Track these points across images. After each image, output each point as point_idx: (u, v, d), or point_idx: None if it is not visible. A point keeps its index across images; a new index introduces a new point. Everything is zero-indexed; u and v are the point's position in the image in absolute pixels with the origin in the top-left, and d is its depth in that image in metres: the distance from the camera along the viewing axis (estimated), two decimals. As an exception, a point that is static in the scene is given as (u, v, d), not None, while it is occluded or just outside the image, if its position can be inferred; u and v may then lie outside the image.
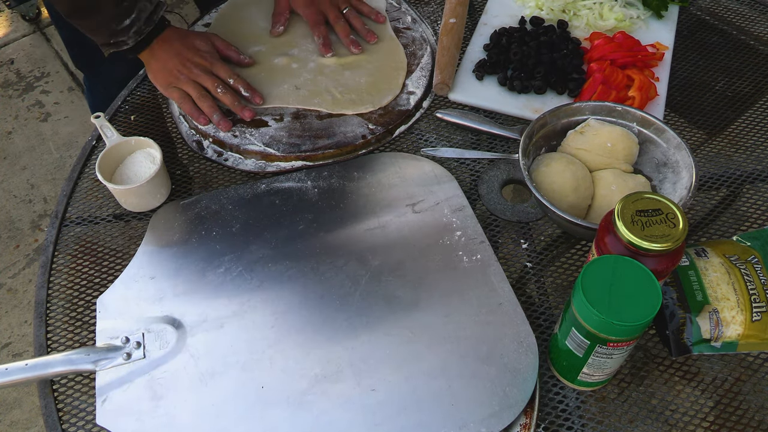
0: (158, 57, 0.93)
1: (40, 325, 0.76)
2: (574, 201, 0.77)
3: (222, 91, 0.91)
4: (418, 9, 1.12)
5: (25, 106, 2.25)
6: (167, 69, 0.92)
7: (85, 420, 0.68)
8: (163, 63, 0.93)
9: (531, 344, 0.68)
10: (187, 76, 0.92)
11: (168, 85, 0.93)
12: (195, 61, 0.92)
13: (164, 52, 0.92)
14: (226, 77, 0.93)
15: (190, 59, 0.92)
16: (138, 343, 0.70)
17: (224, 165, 0.89)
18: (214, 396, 0.66)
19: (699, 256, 0.73)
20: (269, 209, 0.82)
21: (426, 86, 0.97)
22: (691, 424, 0.66)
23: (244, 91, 0.93)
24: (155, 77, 0.94)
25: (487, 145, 0.92)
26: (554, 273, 0.79)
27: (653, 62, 0.98)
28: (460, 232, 0.78)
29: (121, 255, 0.81)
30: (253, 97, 0.93)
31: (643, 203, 0.61)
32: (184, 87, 0.92)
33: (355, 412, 0.64)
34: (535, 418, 0.65)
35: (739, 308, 0.68)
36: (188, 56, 0.92)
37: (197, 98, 0.91)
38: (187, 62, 0.92)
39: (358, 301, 0.72)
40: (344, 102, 0.93)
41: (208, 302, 0.73)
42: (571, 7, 1.07)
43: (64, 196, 0.88)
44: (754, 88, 0.99)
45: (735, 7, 1.12)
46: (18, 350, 1.67)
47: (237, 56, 0.97)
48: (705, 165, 0.89)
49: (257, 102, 0.93)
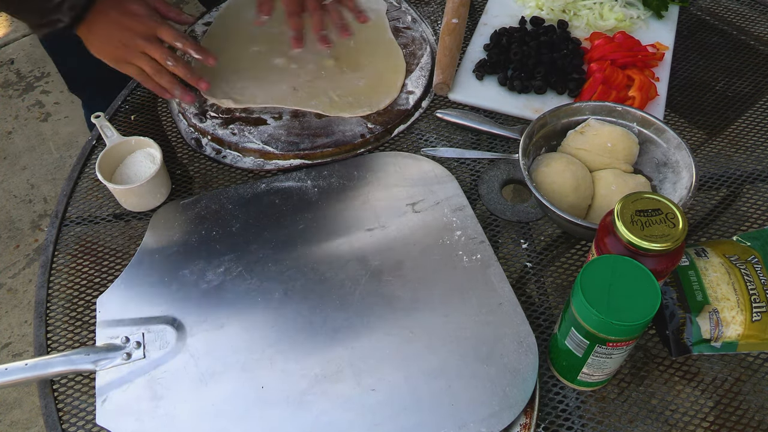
0: (97, 31, 0.86)
1: (40, 325, 0.76)
2: (574, 201, 0.77)
3: (172, 63, 0.87)
4: (418, 9, 1.12)
5: (25, 106, 2.25)
6: (111, 43, 0.86)
7: (85, 420, 0.68)
8: (104, 37, 0.86)
9: (531, 344, 0.68)
10: (134, 48, 0.86)
11: (118, 60, 0.87)
12: (137, 29, 0.86)
13: (102, 25, 0.86)
14: (173, 41, 0.88)
15: (131, 28, 0.86)
16: (138, 343, 0.70)
17: (223, 163, 0.89)
18: (214, 396, 0.66)
19: (699, 256, 0.73)
20: (269, 209, 0.82)
21: (425, 86, 0.97)
22: (691, 424, 0.66)
23: (195, 53, 0.89)
24: (100, 53, 0.88)
25: (487, 145, 0.92)
26: (554, 273, 0.79)
27: (653, 62, 0.98)
28: (460, 232, 0.78)
29: (121, 255, 0.81)
30: (205, 59, 0.89)
31: (642, 203, 0.61)
32: (136, 62, 0.87)
33: (355, 412, 0.64)
34: (535, 418, 0.65)
35: (739, 308, 0.68)
36: (128, 24, 0.86)
37: (153, 74, 0.88)
38: (128, 32, 0.86)
39: (358, 301, 0.72)
40: (341, 105, 0.93)
41: (208, 302, 0.73)
42: (571, 7, 1.07)
43: (64, 196, 0.88)
44: (754, 88, 0.99)
45: (735, 7, 1.12)
46: (18, 350, 1.67)
47: (178, 16, 0.93)
48: (705, 165, 0.89)
49: (210, 63, 0.89)
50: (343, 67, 0.98)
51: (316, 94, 0.95)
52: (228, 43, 1.02)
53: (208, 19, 1.07)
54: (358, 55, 1.01)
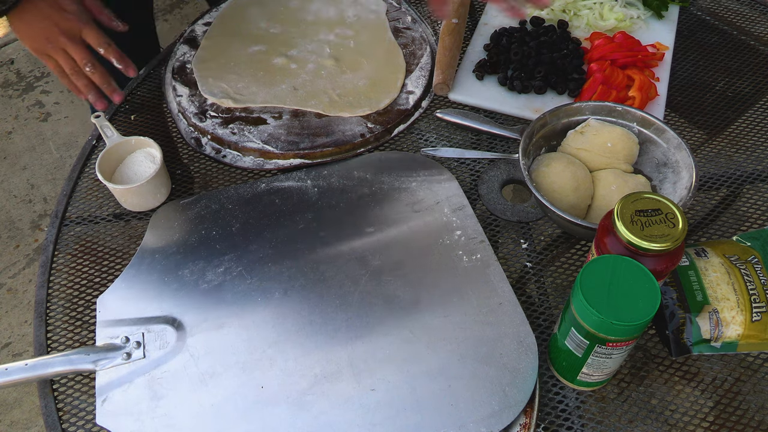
0: (24, 19, 0.85)
1: (40, 325, 0.76)
2: (574, 201, 0.77)
3: (90, 69, 0.86)
4: (418, 9, 1.12)
5: (25, 106, 2.25)
6: (34, 34, 0.85)
7: (85, 420, 0.68)
8: (29, 26, 0.85)
9: (531, 344, 0.68)
10: (55, 43, 0.85)
11: (38, 50, 0.87)
12: (62, 26, 0.85)
13: (31, 14, 0.85)
14: (97, 45, 0.86)
15: (57, 23, 0.84)
16: (138, 343, 0.70)
17: (223, 162, 0.89)
18: (214, 396, 0.66)
19: (699, 256, 0.73)
20: (269, 209, 0.82)
21: (425, 86, 0.97)
22: (691, 424, 0.66)
23: (117, 62, 0.87)
24: (24, 40, 0.87)
25: (487, 145, 0.92)
26: (554, 273, 0.79)
27: (653, 62, 0.98)
28: (460, 232, 0.78)
29: (121, 255, 0.81)
30: (126, 70, 0.88)
31: (642, 203, 0.61)
32: (56, 57, 0.86)
33: (355, 412, 0.64)
34: (534, 418, 0.65)
35: (739, 308, 0.68)
36: (56, 19, 0.84)
37: (71, 74, 0.87)
38: (54, 27, 0.85)
39: (358, 301, 0.72)
40: (341, 104, 0.93)
41: (208, 302, 0.73)
42: (571, 7, 1.07)
43: (64, 196, 0.88)
44: (754, 88, 0.99)
45: (735, 7, 1.12)
46: (18, 350, 1.67)
47: (109, 21, 0.90)
48: (705, 165, 0.89)
49: (130, 74, 0.89)
50: (343, 67, 0.98)
51: (316, 93, 0.95)
52: (228, 43, 1.02)
53: (208, 19, 1.07)
54: (358, 55, 1.01)
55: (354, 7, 1.08)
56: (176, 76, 0.98)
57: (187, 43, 1.04)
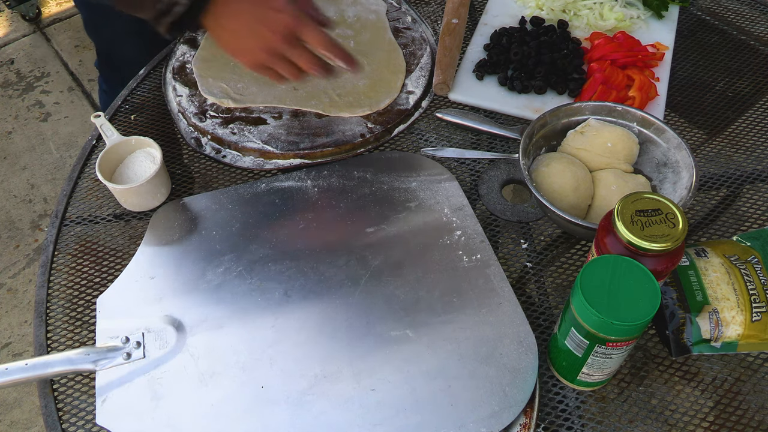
0: (227, 24, 0.73)
1: (40, 324, 0.76)
2: (574, 201, 0.77)
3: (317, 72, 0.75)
4: (418, 9, 1.12)
5: (25, 106, 2.25)
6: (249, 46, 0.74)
7: (85, 420, 0.68)
8: (237, 33, 0.73)
9: (531, 344, 0.68)
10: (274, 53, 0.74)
11: (257, 65, 0.76)
12: (276, 27, 0.72)
13: (234, 17, 0.72)
14: (322, 46, 0.74)
15: (269, 24, 0.72)
16: (138, 343, 0.70)
17: (223, 162, 0.89)
18: (214, 396, 0.66)
19: (699, 256, 0.73)
20: (269, 209, 0.82)
21: (425, 86, 0.97)
22: (691, 424, 0.66)
23: (345, 64, 0.76)
24: (235, 53, 0.76)
25: (487, 145, 0.92)
26: (554, 273, 0.79)
27: (653, 62, 0.98)
28: (460, 232, 0.78)
29: (121, 255, 0.81)
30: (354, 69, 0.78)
31: (642, 203, 0.61)
32: (278, 68, 0.75)
33: (355, 412, 0.64)
34: (534, 418, 0.65)
35: (739, 308, 0.68)
36: (267, 19, 0.72)
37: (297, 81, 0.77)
38: (268, 30, 0.72)
39: (358, 301, 0.72)
40: (341, 104, 0.93)
41: (208, 302, 0.73)
42: (571, 7, 1.07)
43: (64, 196, 0.88)
44: (754, 88, 0.99)
45: (735, 7, 1.12)
46: (18, 350, 1.67)
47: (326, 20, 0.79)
48: (705, 165, 0.89)
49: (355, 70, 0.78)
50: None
51: (316, 93, 0.95)
52: (228, 43, 1.02)
53: (208, 19, 1.07)
54: (358, 55, 1.00)
55: (354, 7, 1.08)
56: (176, 75, 0.98)
57: (187, 43, 1.04)
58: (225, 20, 0.73)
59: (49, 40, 2.48)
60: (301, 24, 0.73)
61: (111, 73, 1.28)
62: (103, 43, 1.25)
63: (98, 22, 1.18)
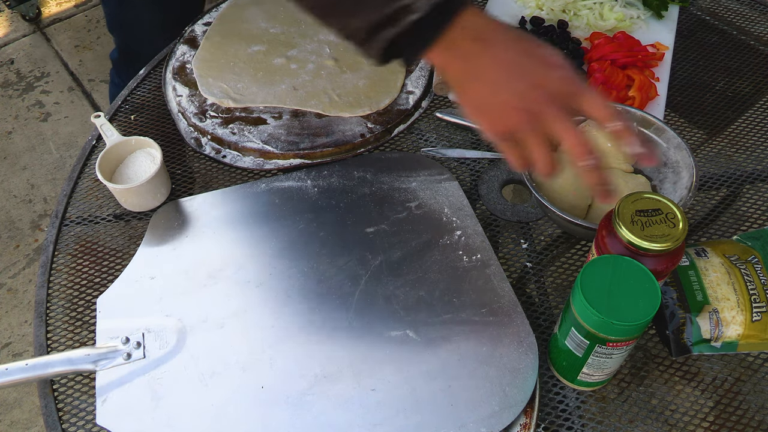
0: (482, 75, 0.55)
1: (40, 325, 0.75)
2: (574, 201, 0.77)
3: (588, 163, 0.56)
4: (418, 9, 1.12)
5: (25, 106, 2.25)
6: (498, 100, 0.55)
7: (85, 420, 0.68)
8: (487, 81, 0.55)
9: (531, 344, 0.68)
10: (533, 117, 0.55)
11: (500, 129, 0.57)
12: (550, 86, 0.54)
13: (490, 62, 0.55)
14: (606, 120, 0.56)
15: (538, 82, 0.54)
16: (138, 343, 0.70)
17: (222, 162, 0.89)
18: (214, 396, 0.66)
19: (699, 256, 0.73)
20: (269, 209, 0.82)
21: (425, 86, 0.97)
22: (691, 424, 0.66)
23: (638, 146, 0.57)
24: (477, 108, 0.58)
25: (487, 145, 0.92)
26: (554, 273, 0.79)
27: (653, 62, 0.98)
28: (460, 232, 0.78)
29: (121, 255, 0.81)
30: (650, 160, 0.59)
31: (642, 203, 0.61)
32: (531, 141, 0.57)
33: (355, 412, 0.64)
34: (535, 418, 0.65)
35: (739, 308, 0.68)
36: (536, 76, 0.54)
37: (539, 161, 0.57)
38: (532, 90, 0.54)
39: (358, 301, 0.72)
40: (341, 104, 0.93)
41: (208, 302, 0.73)
42: (571, 7, 1.07)
43: (64, 196, 0.88)
44: (754, 88, 0.99)
45: (735, 7, 1.12)
46: (18, 350, 1.67)
47: None
48: (705, 165, 0.89)
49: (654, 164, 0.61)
50: (343, 67, 0.98)
51: (316, 93, 0.95)
52: (228, 43, 1.02)
53: (208, 19, 1.07)
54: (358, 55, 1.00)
55: (354, 7, 1.08)
56: (176, 76, 0.98)
57: (187, 43, 1.04)
58: (475, 63, 0.55)
59: (49, 40, 2.49)
60: (580, 89, 0.55)
61: (128, 68, 1.28)
62: (127, 38, 1.24)
63: (125, 18, 1.18)
